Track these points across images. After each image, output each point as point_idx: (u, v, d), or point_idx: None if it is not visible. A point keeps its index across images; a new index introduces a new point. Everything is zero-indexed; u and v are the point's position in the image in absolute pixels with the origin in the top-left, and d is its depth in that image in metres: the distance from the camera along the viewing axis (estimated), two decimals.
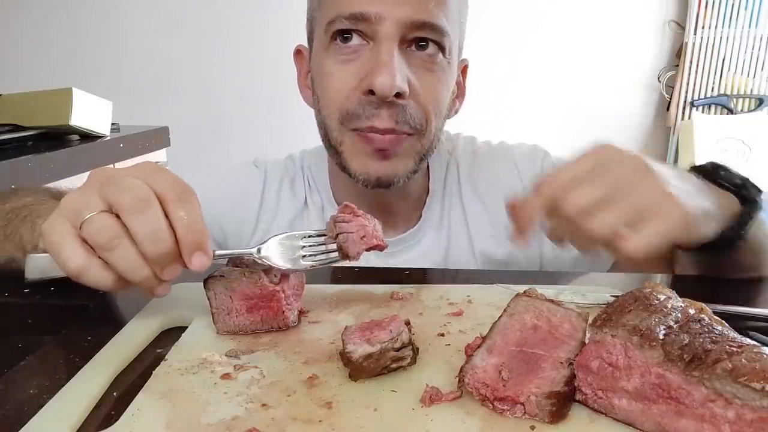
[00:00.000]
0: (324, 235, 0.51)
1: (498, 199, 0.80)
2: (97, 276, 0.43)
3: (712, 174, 0.59)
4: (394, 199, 0.78)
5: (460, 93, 0.81)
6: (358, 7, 0.65)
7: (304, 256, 0.49)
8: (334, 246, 0.50)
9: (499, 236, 0.80)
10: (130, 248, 0.42)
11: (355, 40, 0.67)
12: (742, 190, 0.59)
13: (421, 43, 0.67)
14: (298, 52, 0.81)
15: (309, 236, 0.50)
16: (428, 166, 0.82)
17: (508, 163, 0.84)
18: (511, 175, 0.83)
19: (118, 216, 0.42)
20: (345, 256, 0.50)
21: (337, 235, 0.50)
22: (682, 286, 0.66)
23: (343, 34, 0.67)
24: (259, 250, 0.48)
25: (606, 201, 0.46)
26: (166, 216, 0.42)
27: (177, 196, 0.43)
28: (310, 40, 0.75)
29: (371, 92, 0.65)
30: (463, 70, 0.81)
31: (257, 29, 2.61)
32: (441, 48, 0.68)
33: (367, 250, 0.50)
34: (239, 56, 2.63)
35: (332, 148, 0.72)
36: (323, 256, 0.50)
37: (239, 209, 0.80)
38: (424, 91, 0.68)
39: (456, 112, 0.81)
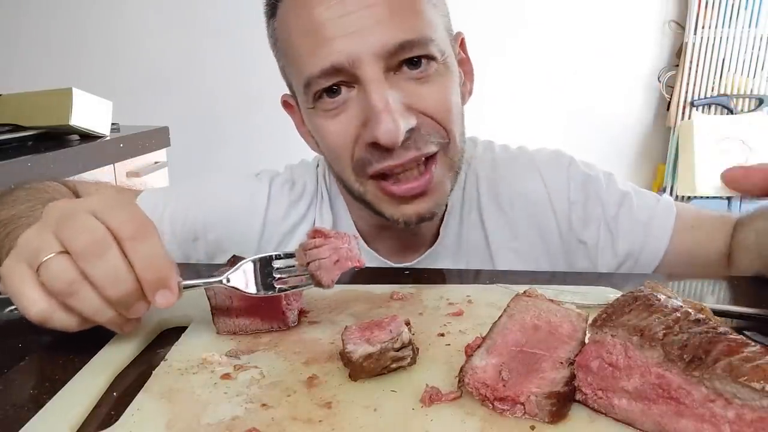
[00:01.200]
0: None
1: (521, 211, 0.77)
2: (61, 320, 0.41)
3: None
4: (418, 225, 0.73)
5: (467, 72, 0.74)
6: (327, 61, 0.59)
7: (278, 278, 0.47)
8: (306, 271, 0.48)
9: (522, 251, 0.76)
10: (90, 292, 0.40)
11: (342, 91, 0.62)
12: None
13: (411, 61, 0.62)
14: (285, 103, 0.76)
15: (281, 257, 0.48)
16: None
17: (531, 171, 0.79)
18: (536, 184, 0.78)
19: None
20: (318, 284, 0.47)
21: (308, 263, 0.47)
22: (682, 286, 0.66)
23: (326, 91, 0.62)
24: (228, 279, 0.46)
25: None
26: (125, 255, 0.40)
27: (136, 233, 0.41)
28: (291, 91, 0.71)
29: (377, 144, 0.61)
30: (461, 44, 0.74)
31: (257, 29, 2.60)
32: (431, 57, 0.62)
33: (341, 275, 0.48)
34: (239, 56, 2.63)
35: (358, 199, 0.68)
36: (296, 279, 0.48)
37: (240, 230, 0.77)
38: (432, 106, 0.63)
39: (470, 93, 0.75)
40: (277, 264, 0.48)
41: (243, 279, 0.46)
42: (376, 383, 0.40)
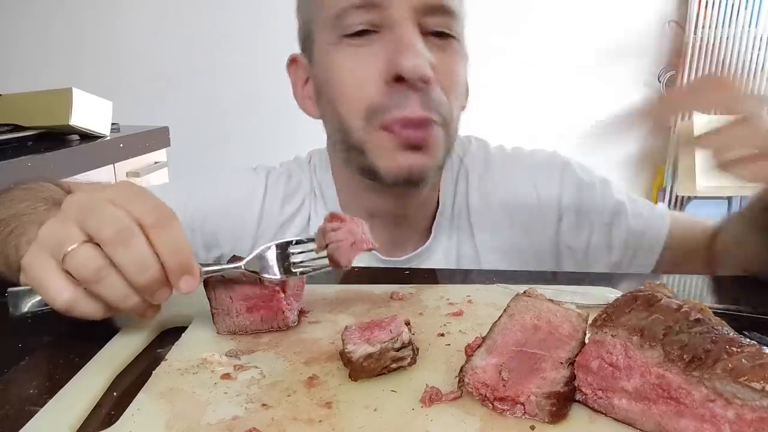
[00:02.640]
0: (314, 240, 0.50)
1: (510, 213, 0.77)
2: (86, 308, 0.42)
3: None
4: (408, 211, 0.75)
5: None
6: None
7: (295, 263, 0.49)
8: (324, 254, 0.49)
9: (508, 253, 0.76)
10: (117, 278, 0.41)
11: (370, 33, 0.63)
12: None
13: (437, 31, 0.64)
14: (292, 61, 0.76)
15: (300, 242, 0.49)
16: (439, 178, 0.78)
17: (523, 173, 0.79)
18: (526, 187, 0.78)
19: (99, 245, 0.41)
20: (336, 265, 0.49)
21: (327, 245, 0.49)
22: (682, 286, 0.66)
23: (354, 34, 0.63)
24: (248, 264, 0.47)
25: None
26: (149, 242, 0.41)
27: (158, 221, 0.42)
28: (306, 46, 0.72)
29: (398, 79, 0.61)
30: None
31: (257, 29, 2.61)
32: (455, 36, 0.66)
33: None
34: (239, 56, 2.63)
35: (353, 149, 0.68)
36: (314, 263, 0.49)
37: (237, 223, 0.77)
38: (444, 75, 0.64)
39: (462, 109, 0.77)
40: (293, 249, 0.49)
41: (260, 264, 0.48)
42: (376, 383, 0.40)
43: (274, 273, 0.48)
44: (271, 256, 0.48)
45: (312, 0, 0.69)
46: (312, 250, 0.49)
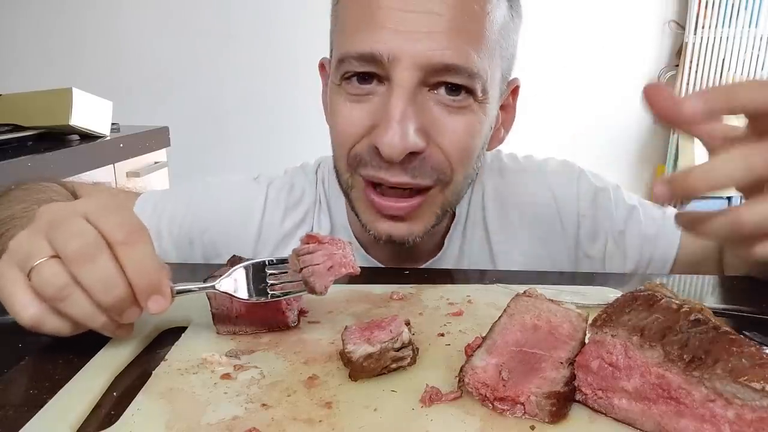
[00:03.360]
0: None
1: (529, 223, 0.76)
2: (53, 325, 0.41)
3: None
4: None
5: (507, 120, 0.72)
6: (368, 45, 0.57)
7: (271, 284, 0.47)
8: (299, 276, 0.47)
9: (526, 264, 0.75)
10: (82, 297, 0.39)
11: (373, 83, 0.60)
12: None
13: (451, 87, 0.59)
14: (321, 66, 0.73)
15: (274, 263, 0.48)
16: None
17: (540, 183, 0.77)
18: (545, 197, 0.76)
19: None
20: (311, 290, 0.46)
21: (302, 269, 0.46)
22: (682, 286, 0.66)
23: (359, 76, 0.60)
24: (221, 285, 0.46)
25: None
26: (117, 260, 0.40)
27: (128, 238, 0.40)
28: (331, 56, 0.68)
29: (377, 150, 0.59)
30: (514, 91, 0.71)
31: (257, 29, 2.61)
32: (471, 91, 0.59)
33: (336, 280, 0.47)
34: (239, 56, 2.63)
35: (343, 190, 0.67)
36: (290, 285, 0.47)
37: (235, 233, 0.76)
38: (449, 141, 0.60)
39: (501, 142, 0.73)
40: (270, 270, 0.47)
41: (234, 285, 0.46)
42: (376, 383, 0.40)
43: (243, 295, 0.46)
44: (244, 276, 0.46)
45: (334, 30, 0.65)
46: (287, 272, 0.47)
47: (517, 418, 0.36)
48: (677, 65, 2.63)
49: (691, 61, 2.59)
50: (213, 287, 0.46)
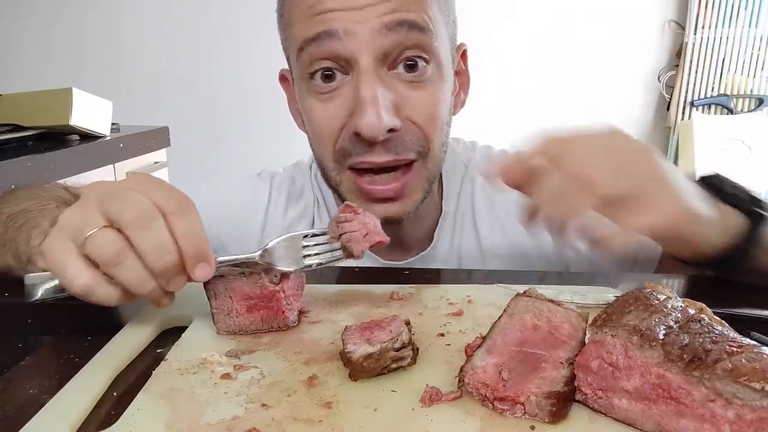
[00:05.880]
0: (326, 233, 0.51)
1: (515, 215, 0.74)
2: (103, 293, 0.42)
3: (719, 186, 0.57)
4: (406, 223, 0.73)
5: (463, 83, 0.75)
6: (321, 26, 0.59)
7: (307, 255, 0.49)
8: (337, 245, 0.50)
9: (515, 258, 0.76)
10: (136, 262, 0.41)
11: (336, 77, 0.62)
12: (752, 205, 0.57)
13: (408, 63, 0.62)
14: (282, 77, 0.76)
15: (311, 235, 0.50)
16: (442, 184, 0.78)
17: None
18: None
19: (119, 231, 0.41)
20: (349, 254, 0.50)
21: (340, 235, 0.50)
22: (682, 286, 0.66)
23: (322, 72, 0.62)
24: (262, 255, 0.48)
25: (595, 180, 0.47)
26: (169, 228, 0.42)
27: (177, 208, 0.42)
28: (289, 64, 0.71)
29: (359, 135, 0.61)
30: (463, 55, 0.74)
31: (257, 29, 2.61)
32: (425, 59, 0.63)
33: (370, 247, 0.51)
34: (239, 56, 2.63)
35: (332, 187, 0.70)
36: (327, 255, 0.50)
37: (242, 227, 0.78)
38: (418, 113, 0.63)
39: (462, 105, 0.76)
40: (307, 242, 0.50)
41: (276, 255, 0.48)
42: (376, 383, 0.40)
43: (288, 265, 0.48)
44: (283, 248, 0.49)
45: (285, 30, 0.68)
46: (324, 243, 0.50)
47: (517, 418, 0.36)
48: (677, 65, 2.63)
49: (691, 61, 2.59)
50: (254, 257, 0.47)
